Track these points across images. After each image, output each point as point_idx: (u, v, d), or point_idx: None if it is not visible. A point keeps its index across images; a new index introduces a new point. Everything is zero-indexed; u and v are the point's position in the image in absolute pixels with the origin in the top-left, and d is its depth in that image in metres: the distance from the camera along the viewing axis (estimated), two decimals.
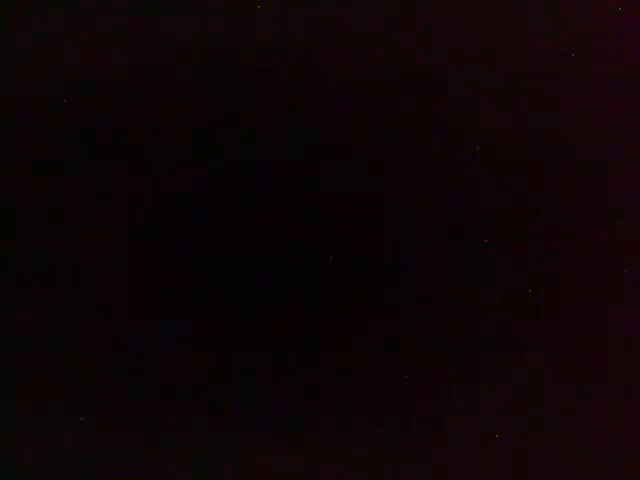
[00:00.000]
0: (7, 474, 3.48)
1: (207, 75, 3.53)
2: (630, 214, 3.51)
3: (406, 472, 3.48)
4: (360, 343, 3.49)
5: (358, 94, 3.52)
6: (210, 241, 3.50)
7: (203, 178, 3.51)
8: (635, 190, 3.52)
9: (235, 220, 3.51)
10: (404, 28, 3.53)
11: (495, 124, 3.52)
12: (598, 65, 3.53)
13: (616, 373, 3.48)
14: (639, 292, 3.50)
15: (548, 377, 3.49)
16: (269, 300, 3.49)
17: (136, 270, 3.50)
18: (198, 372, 3.48)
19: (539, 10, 3.54)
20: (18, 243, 3.51)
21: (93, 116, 3.53)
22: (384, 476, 3.48)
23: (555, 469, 3.48)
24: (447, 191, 3.51)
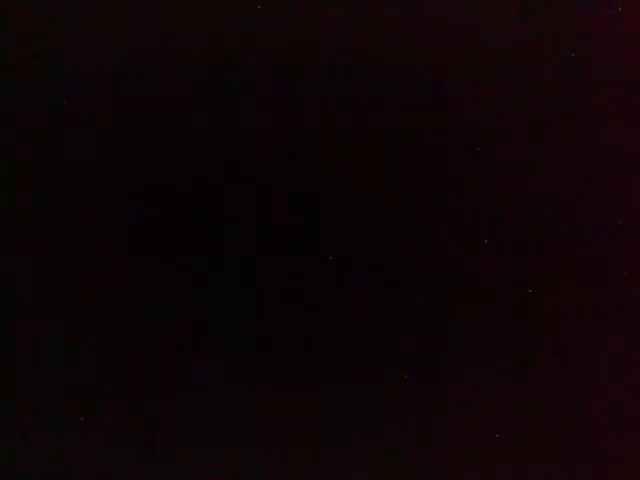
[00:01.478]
0: (7, 474, 3.48)
1: (207, 75, 3.52)
2: (630, 214, 3.51)
3: (406, 472, 3.48)
4: (360, 343, 3.49)
5: (358, 94, 3.52)
6: (209, 241, 3.50)
7: (203, 178, 3.51)
8: (635, 190, 3.52)
9: (235, 220, 3.51)
10: (404, 28, 3.53)
11: (495, 124, 3.52)
12: (598, 65, 3.53)
13: (616, 373, 3.48)
14: (639, 292, 3.50)
15: (548, 377, 3.49)
16: (269, 300, 3.49)
17: (136, 270, 3.50)
18: (198, 372, 3.48)
19: (539, 10, 3.54)
20: (18, 243, 3.50)
21: (93, 116, 3.53)
22: (384, 475, 3.48)
23: (555, 469, 3.48)
24: (447, 191, 3.51)
